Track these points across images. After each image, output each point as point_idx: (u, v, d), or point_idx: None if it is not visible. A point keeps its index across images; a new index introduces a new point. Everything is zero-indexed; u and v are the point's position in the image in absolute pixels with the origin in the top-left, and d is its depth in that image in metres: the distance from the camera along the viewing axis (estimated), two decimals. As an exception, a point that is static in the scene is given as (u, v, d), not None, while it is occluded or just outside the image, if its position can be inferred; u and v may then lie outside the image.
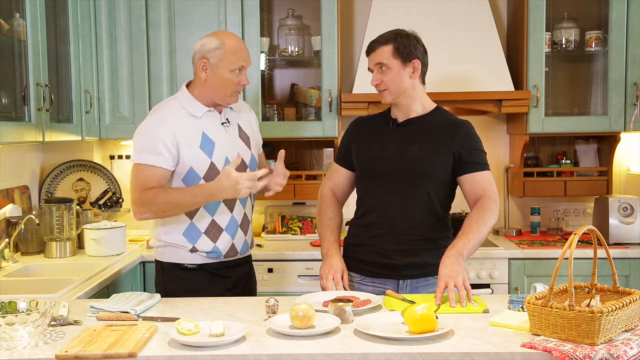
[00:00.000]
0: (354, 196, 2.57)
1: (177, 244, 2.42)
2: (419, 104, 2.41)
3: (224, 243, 2.43)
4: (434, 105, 2.45)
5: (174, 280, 2.44)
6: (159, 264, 2.50)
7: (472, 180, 2.35)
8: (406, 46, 2.34)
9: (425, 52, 2.40)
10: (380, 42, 2.37)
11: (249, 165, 2.50)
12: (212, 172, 2.36)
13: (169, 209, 2.33)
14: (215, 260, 2.44)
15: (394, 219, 2.38)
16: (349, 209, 2.58)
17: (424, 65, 2.40)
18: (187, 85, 2.46)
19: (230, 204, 2.43)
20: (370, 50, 2.39)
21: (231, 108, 2.49)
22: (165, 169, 2.33)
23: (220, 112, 2.45)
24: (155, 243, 2.50)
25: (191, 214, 2.39)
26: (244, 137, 2.52)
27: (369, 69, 2.43)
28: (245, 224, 2.50)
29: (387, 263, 2.39)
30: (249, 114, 2.62)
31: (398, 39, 2.35)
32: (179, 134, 2.34)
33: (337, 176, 2.56)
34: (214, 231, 2.41)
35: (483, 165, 2.37)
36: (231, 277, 2.50)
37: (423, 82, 2.43)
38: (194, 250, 2.41)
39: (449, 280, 2.13)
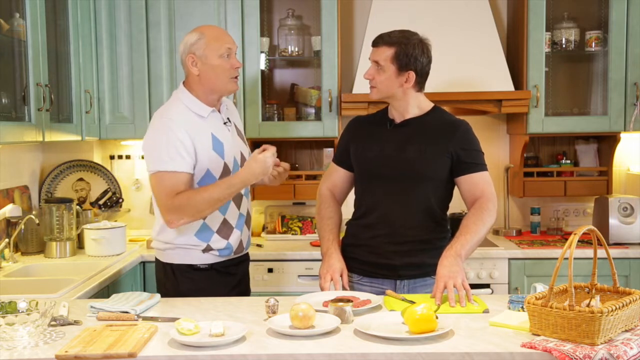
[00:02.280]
0: (352, 196, 2.57)
1: (189, 245, 2.41)
2: (414, 106, 2.40)
3: (234, 239, 2.46)
4: (431, 105, 2.45)
5: (187, 281, 2.43)
6: (167, 266, 2.46)
7: (470, 181, 2.35)
8: (407, 55, 2.31)
9: (428, 62, 2.37)
10: (385, 41, 2.35)
11: None
12: (225, 173, 2.37)
13: (206, 207, 2.28)
14: (225, 259, 2.46)
15: (392, 219, 2.38)
16: (348, 209, 2.57)
17: (421, 76, 2.36)
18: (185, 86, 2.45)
19: (237, 202, 2.46)
20: (375, 44, 2.38)
21: (227, 107, 2.51)
22: (189, 172, 2.30)
23: (220, 112, 2.46)
24: (162, 245, 2.45)
25: None
26: (241, 135, 2.57)
27: (369, 59, 2.41)
28: (248, 219, 2.55)
29: (386, 263, 2.39)
30: (237, 111, 2.67)
31: (402, 45, 2.31)
32: (194, 136, 2.32)
33: (335, 176, 2.56)
34: (225, 229, 2.43)
35: (481, 166, 2.36)
36: (237, 275, 2.53)
37: (420, 90, 2.40)
38: (207, 249, 2.42)
39: (448, 281, 2.13)
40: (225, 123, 2.46)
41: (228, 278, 2.49)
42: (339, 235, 2.51)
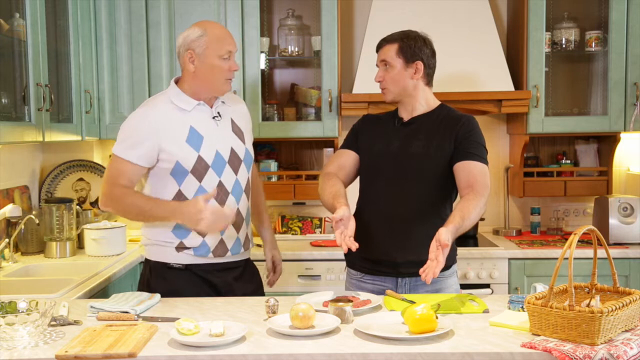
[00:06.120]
0: (354, 196, 2.56)
1: (163, 242, 2.37)
2: (423, 103, 2.43)
3: (212, 238, 2.37)
4: (438, 103, 2.48)
5: (159, 280, 2.39)
6: (147, 263, 2.47)
7: (466, 168, 2.30)
8: (411, 47, 2.37)
9: (432, 54, 2.42)
10: (387, 41, 2.42)
11: (243, 160, 2.47)
12: (200, 166, 2.34)
13: (132, 212, 2.35)
14: (203, 262, 2.39)
15: (395, 216, 2.38)
16: (350, 208, 2.56)
17: (429, 68, 2.41)
18: (177, 82, 2.44)
19: (221, 199, 2.37)
20: (378, 47, 2.45)
21: (223, 102, 2.47)
22: (139, 165, 2.32)
23: (211, 106, 2.42)
24: (144, 241, 2.48)
25: None
26: (237, 131, 2.49)
27: (376, 64, 2.46)
28: (238, 220, 2.43)
29: (387, 260, 2.39)
30: (243, 108, 2.59)
31: (404, 39, 2.39)
32: (163, 129, 2.32)
33: (342, 158, 2.50)
34: None
35: (480, 158, 2.33)
36: (218, 285, 2.42)
37: (428, 84, 2.44)
38: (180, 247, 2.36)
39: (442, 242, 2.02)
40: (214, 117, 2.42)
41: (206, 285, 2.40)
42: (346, 200, 2.34)
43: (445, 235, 2.02)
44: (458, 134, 2.35)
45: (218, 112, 2.44)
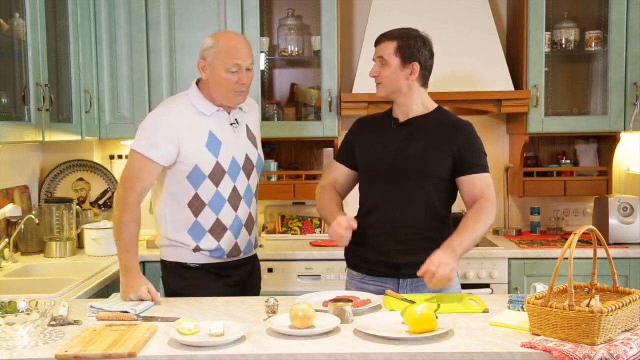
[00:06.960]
0: (355, 196, 2.57)
1: (180, 243, 2.42)
2: (419, 104, 2.42)
3: (227, 242, 2.43)
4: (435, 105, 2.46)
5: (177, 279, 2.45)
6: (163, 263, 2.51)
7: (471, 182, 2.35)
8: (410, 47, 2.35)
9: (431, 56, 2.40)
10: (387, 37, 2.39)
11: (256, 165, 2.52)
12: (218, 172, 2.37)
13: (116, 227, 2.34)
14: (219, 261, 2.45)
15: (395, 218, 2.38)
16: (349, 209, 2.57)
17: (425, 70, 2.39)
18: (198, 82, 2.46)
19: (235, 204, 2.43)
20: (377, 42, 2.43)
21: (241, 108, 2.49)
22: (159, 164, 2.34)
23: (229, 113, 2.45)
24: (161, 242, 2.49)
25: (196, 212, 2.39)
26: (252, 137, 2.53)
27: (373, 59, 2.44)
28: (250, 223, 2.51)
29: (388, 262, 2.39)
30: (256, 113, 2.64)
31: (404, 38, 2.36)
32: (184, 130, 2.34)
33: (336, 173, 2.55)
34: (218, 230, 2.42)
35: (483, 168, 2.36)
36: (233, 278, 2.50)
37: (424, 85, 2.43)
38: (197, 249, 2.41)
39: (438, 269, 2.10)
40: (232, 124, 2.45)
41: (220, 281, 2.46)
42: (343, 209, 2.48)
43: (433, 258, 2.14)
44: (459, 144, 2.35)
45: (236, 119, 2.47)
